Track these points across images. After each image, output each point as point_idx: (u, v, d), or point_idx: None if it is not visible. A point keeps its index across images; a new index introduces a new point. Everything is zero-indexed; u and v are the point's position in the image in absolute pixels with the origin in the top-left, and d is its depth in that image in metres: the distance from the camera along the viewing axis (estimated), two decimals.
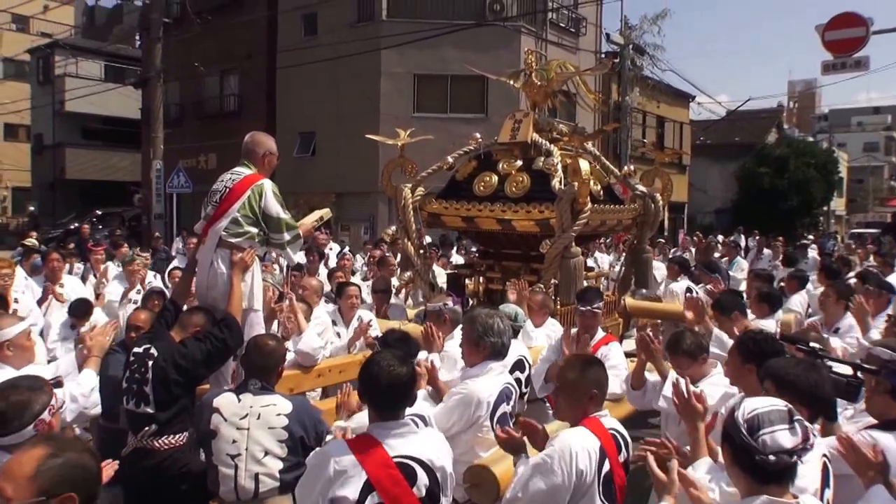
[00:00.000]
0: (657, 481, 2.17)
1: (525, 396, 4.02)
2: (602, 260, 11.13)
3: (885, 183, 54.28)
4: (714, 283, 6.77)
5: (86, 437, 4.26)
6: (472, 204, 5.73)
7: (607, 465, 2.46)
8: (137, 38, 24.79)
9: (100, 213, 21.78)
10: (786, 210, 26.73)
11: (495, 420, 3.06)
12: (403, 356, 2.56)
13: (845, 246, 14.84)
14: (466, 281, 6.22)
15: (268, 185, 3.77)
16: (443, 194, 6.08)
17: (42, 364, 4.09)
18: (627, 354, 4.52)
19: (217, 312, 3.57)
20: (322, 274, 7.67)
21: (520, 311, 4.59)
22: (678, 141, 26.24)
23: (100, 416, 3.79)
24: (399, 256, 7.25)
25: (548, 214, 5.32)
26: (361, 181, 16.79)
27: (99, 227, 19.64)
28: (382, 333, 3.82)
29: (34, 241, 8.23)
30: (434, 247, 9.24)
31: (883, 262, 9.24)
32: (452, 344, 3.90)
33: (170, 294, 4.83)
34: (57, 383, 2.78)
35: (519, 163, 5.80)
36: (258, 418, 3.03)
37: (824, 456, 2.27)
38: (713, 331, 4.25)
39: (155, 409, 3.21)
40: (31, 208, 27.33)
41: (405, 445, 2.36)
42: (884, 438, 2.46)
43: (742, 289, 7.19)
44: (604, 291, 5.93)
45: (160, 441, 3.21)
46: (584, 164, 5.31)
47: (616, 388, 3.98)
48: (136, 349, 3.36)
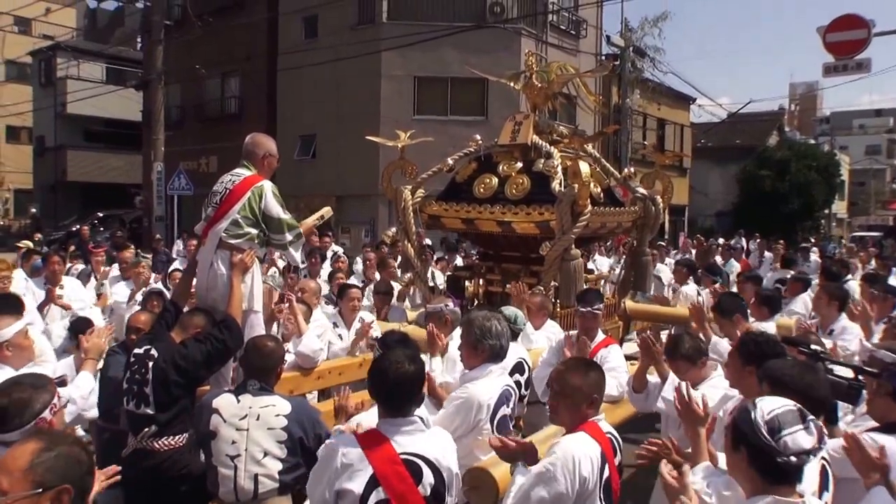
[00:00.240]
0: (669, 486, 2.15)
1: (525, 399, 4.01)
2: (601, 263, 11.14)
3: (887, 186, 54.26)
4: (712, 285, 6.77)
5: (86, 438, 4.25)
6: (471, 206, 5.73)
7: (607, 470, 2.45)
8: (139, 40, 24.84)
9: (101, 215, 21.78)
10: (787, 213, 26.68)
11: (495, 423, 3.05)
12: (413, 355, 2.56)
13: (847, 250, 14.84)
14: (466, 283, 6.21)
15: (268, 187, 3.77)
16: (443, 196, 6.08)
17: (52, 361, 4.12)
18: (627, 357, 4.51)
19: (217, 314, 3.56)
20: (324, 275, 7.67)
21: (520, 314, 4.58)
22: (679, 143, 26.21)
23: (99, 417, 3.80)
24: (399, 258, 7.25)
25: (548, 216, 5.32)
26: (362, 184, 16.79)
27: (100, 229, 19.66)
28: (382, 335, 3.82)
29: (29, 243, 8.23)
30: (430, 248, 9.23)
31: (882, 265, 9.24)
32: (452, 345, 3.90)
33: (170, 295, 4.83)
34: (61, 382, 2.79)
35: (519, 165, 5.80)
36: (257, 419, 3.04)
37: (823, 458, 2.26)
38: (712, 337, 4.24)
39: (155, 410, 3.21)
40: (33, 210, 27.34)
41: (413, 443, 2.37)
42: (885, 441, 2.46)
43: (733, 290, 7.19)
44: (604, 294, 5.92)
45: (160, 442, 3.21)
46: (585, 167, 5.31)
47: (613, 390, 3.98)
48: (137, 350, 3.36)
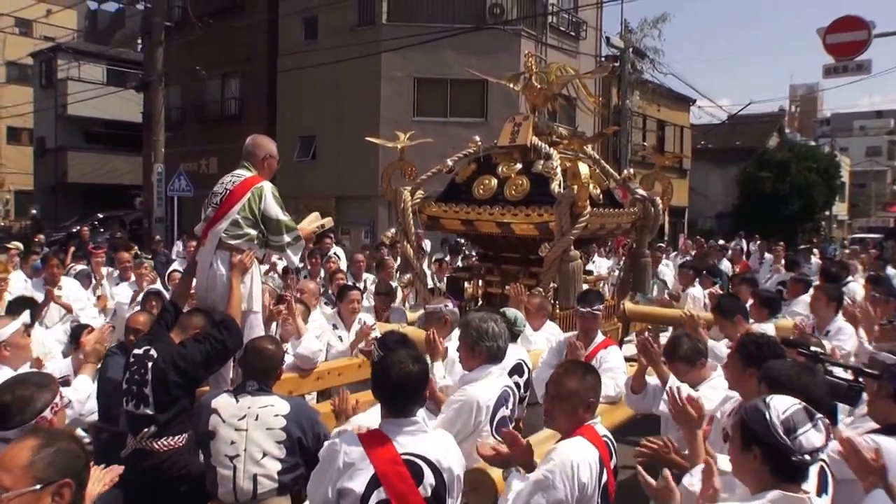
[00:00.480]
0: (652, 489, 2.16)
1: (525, 400, 4.01)
2: (601, 264, 11.15)
3: (888, 187, 54.27)
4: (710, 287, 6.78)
5: (86, 439, 4.25)
6: (471, 207, 5.72)
7: (605, 475, 2.45)
8: (139, 42, 24.81)
9: (101, 216, 21.76)
10: (787, 215, 26.70)
11: (495, 424, 3.04)
12: (416, 355, 2.56)
13: (851, 251, 14.86)
14: (465, 284, 6.21)
15: (267, 188, 3.77)
16: (442, 197, 6.07)
17: (58, 357, 4.14)
18: (627, 359, 4.50)
19: (216, 314, 3.56)
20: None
21: (519, 316, 4.57)
22: (679, 145, 26.18)
23: (99, 418, 3.79)
24: (399, 259, 7.25)
25: (547, 218, 5.31)
26: (362, 185, 16.79)
27: (100, 230, 19.65)
28: (381, 336, 3.81)
29: (19, 245, 8.27)
30: (422, 250, 9.23)
31: (875, 265, 9.24)
32: (451, 346, 3.89)
33: (169, 296, 4.83)
34: (65, 382, 2.79)
35: (518, 166, 5.79)
36: (256, 419, 3.04)
37: (821, 460, 2.26)
38: (708, 342, 4.19)
39: (154, 411, 3.21)
40: (34, 212, 27.31)
41: (415, 444, 2.37)
42: (886, 442, 2.47)
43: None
44: (604, 295, 5.91)
45: (159, 442, 3.21)
46: (584, 168, 5.30)
47: (611, 390, 3.98)
48: (136, 350, 3.36)
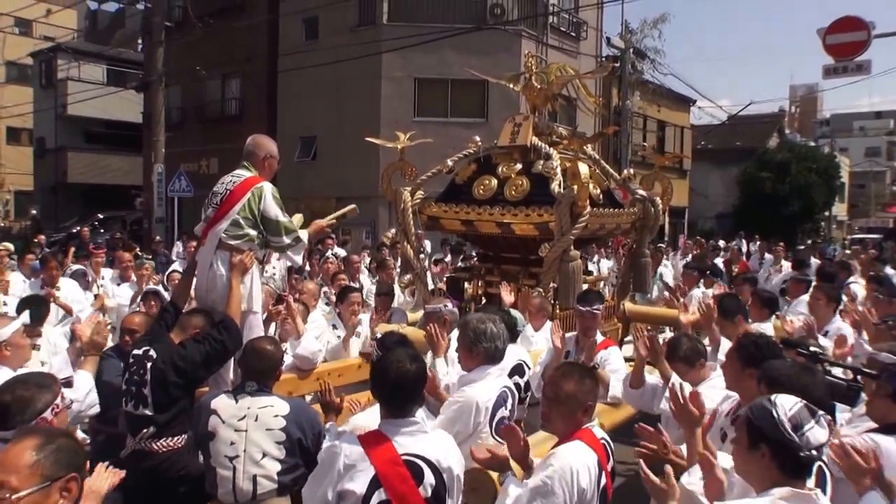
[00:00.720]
0: (654, 487, 2.15)
1: (525, 401, 4.01)
2: (602, 265, 11.15)
3: (888, 188, 54.29)
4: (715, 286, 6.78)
5: (86, 440, 4.25)
6: (471, 207, 5.71)
7: (604, 477, 2.44)
8: (139, 42, 24.82)
9: (101, 216, 21.77)
10: (787, 215, 26.74)
11: (494, 425, 3.04)
12: (414, 354, 2.55)
13: (853, 251, 14.88)
14: (465, 284, 6.21)
15: (267, 188, 3.77)
16: (442, 198, 6.06)
17: (63, 353, 4.13)
18: (626, 359, 4.50)
19: (216, 314, 3.56)
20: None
21: (520, 317, 4.58)
22: (679, 145, 26.18)
23: (96, 420, 3.78)
24: (399, 260, 7.25)
25: (547, 218, 5.31)
26: (362, 185, 16.76)
27: (100, 230, 19.65)
28: (380, 336, 3.81)
29: (9, 246, 8.32)
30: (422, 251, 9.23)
31: (873, 265, 9.23)
32: (450, 346, 3.89)
33: (169, 296, 4.83)
34: (67, 383, 2.78)
35: (518, 166, 5.79)
36: (256, 420, 3.03)
37: (820, 459, 2.26)
38: (720, 341, 4.08)
39: (154, 411, 3.21)
40: (34, 212, 27.29)
41: (414, 444, 2.37)
42: (885, 442, 2.48)
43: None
44: (604, 296, 5.91)
45: (159, 443, 3.20)
46: (584, 168, 5.29)
47: (618, 391, 3.98)
48: (136, 351, 3.36)
